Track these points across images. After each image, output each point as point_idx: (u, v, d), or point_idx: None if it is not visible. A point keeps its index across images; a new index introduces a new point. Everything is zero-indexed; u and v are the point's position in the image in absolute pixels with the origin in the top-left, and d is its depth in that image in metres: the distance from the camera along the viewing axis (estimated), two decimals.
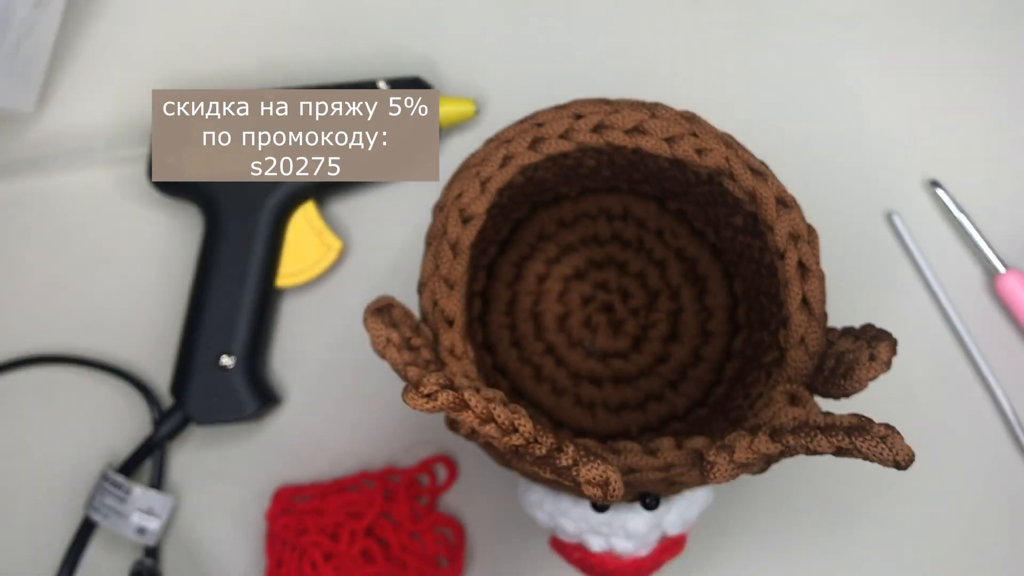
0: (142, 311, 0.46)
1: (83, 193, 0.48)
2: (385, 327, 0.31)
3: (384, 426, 0.45)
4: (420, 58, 0.48)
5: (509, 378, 0.41)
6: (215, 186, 0.44)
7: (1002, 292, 0.44)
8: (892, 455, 0.27)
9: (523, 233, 0.42)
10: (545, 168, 0.37)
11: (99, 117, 0.48)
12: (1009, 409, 0.43)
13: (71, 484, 0.44)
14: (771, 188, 0.34)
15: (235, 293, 0.43)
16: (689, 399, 0.40)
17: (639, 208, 0.42)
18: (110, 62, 0.49)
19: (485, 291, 0.42)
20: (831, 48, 0.48)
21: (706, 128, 0.35)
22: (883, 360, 0.30)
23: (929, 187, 0.46)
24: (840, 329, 0.33)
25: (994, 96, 0.48)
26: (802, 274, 0.33)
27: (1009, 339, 0.45)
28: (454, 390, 0.29)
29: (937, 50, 0.48)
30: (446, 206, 0.35)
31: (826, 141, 0.47)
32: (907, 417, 0.34)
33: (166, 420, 0.43)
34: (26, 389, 0.46)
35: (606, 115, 0.35)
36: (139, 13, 0.50)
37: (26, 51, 0.44)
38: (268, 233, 0.44)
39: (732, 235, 0.38)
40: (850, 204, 0.46)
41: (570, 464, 0.30)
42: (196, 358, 0.43)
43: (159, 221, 0.47)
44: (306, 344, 0.46)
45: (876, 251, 0.46)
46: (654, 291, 0.42)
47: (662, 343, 0.41)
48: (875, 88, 0.48)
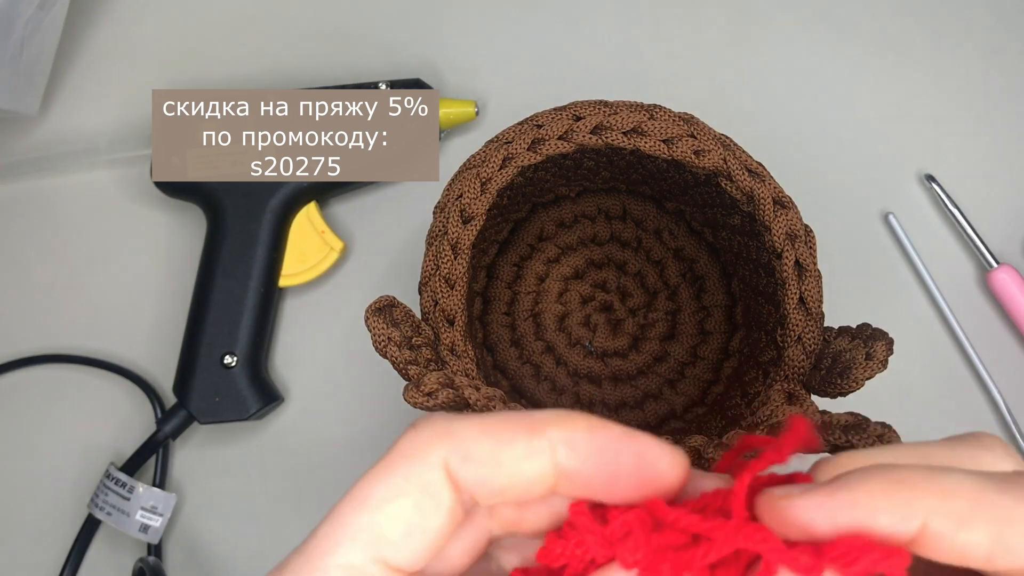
0: (145, 311, 0.46)
1: (87, 194, 0.48)
2: (386, 326, 0.31)
3: (385, 425, 0.45)
4: (421, 60, 0.49)
5: (509, 377, 0.41)
6: (218, 187, 0.44)
7: (995, 287, 0.44)
8: None
9: (523, 233, 0.42)
10: (545, 169, 0.37)
11: (102, 118, 0.49)
12: (1003, 404, 0.43)
13: (75, 482, 0.45)
14: (768, 188, 0.35)
15: (238, 293, 0.43)
16: (687, 398, 0.40)
17: (638, 208, 0.42)
18: (113, 64, 0.50)
19: (485, 291, 0.42)
20: (826, 50, 0.49)
21: (704, 129, 0.35)
22: (879, 359, 0.30)
23: (923, 183, 0.46)
24: (837, 328, 0.33)
25: (987, 93, 0.48)
26: (799, 274, 0.34)
27: (1002, 334, 0.45)
28: (454, 388, 0.29)
29: (930, 48, 0.48)
30: (447, 206, 0.35)
31: (822, 141, 0.47)
32: (903, 415, 0.34)
33: (169, 419, 0.43)
34: (30, 388, 0.46)
35: (605, 116, 0.35)
36: (142, 15, 0.50)
37: (30, 53, 0.45)
38: (270, 233, 0.44)
39: (730, 235, 0.38)
40: (846, 203, 0.46)
41: None
42: (199, 357, 0.43)
43: (162, 221, 0.47)
44: (308, 343, 0.46)
45: (872, 250, 0.46)
46: (652, 291, 0.42)
47: (660, 342, 0.41)
48: (869, 88, 0.48)
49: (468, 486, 0.18)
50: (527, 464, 0.18)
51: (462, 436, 0.18)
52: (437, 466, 0.18)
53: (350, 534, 0.18)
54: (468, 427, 0.18)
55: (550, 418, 0.19)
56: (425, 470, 0.18)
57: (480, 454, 0.18)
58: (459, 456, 0.18)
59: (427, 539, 0.18)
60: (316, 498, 0.44)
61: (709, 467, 0.31)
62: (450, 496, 0.18)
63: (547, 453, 0.18)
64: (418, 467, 0.18)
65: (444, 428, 0.18)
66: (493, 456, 0.18)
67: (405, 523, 0.18)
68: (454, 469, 0.18)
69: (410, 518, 0.18)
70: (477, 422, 0.19)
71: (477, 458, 0.18)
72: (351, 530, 0.18)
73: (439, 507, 0.18)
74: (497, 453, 0.18)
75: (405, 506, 0.18)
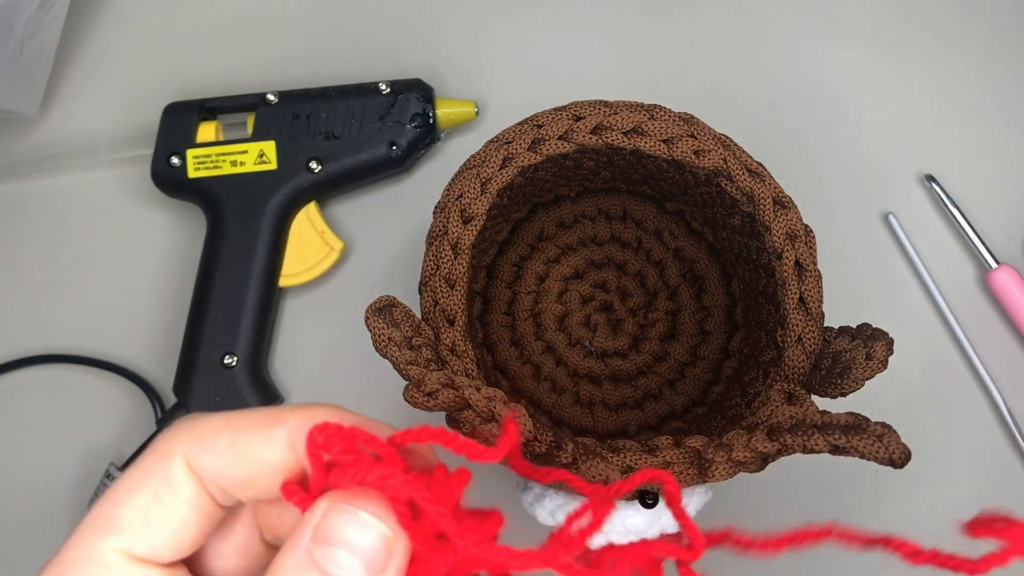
0: (145, 311, 0.46)
1: (87, 194, 0.48)
2: (386, 326, 0.31)
3: None
4: (421, 60, 0.49)
5: (509, 377, 0.41)
6: (218, 187, 0.44)
7: (995, 287, 0.44)
8: (888, 453, 0.27)
9: (523, 233, 0.42)
10: (545, 169, 0.37)
11: (103, 118, 0.49)
12: (1003, 404, 0.44)
13: (75, 482, 0.45)
14: (768, 189, 0.35)
15: (238, 293, 0.43)
16: (687, 398, 0.40)
17: (638, 209, 0.42)
18: (113, 64, 0.50)
19: (485, 291, 0.42)
20: (826, 50, 0.49)
21: (704, 129, 0.35)
22: (879, 359, 0.30)
23: (923, 183, 0.46)
24: (837, 328, 0.33)
25: (987, 93, 0.48)
26: (799, 274, 0.34)
27: (1002, 334, 0.45)
28: (455, 388, 0.29)
29: (930, 48, 0.48)
30: (447, 206, 0.35)
31: (822, 141, 0.47)
32: (903, 415, 0.34)
33: (169, 419, 0.43)
34: (31, 388, 0.46)
35: (605, 117, 0.35)
36: (142, 15, 0.50)
37: (30, 53, 0.45)
38: (271, 233, 0.44)
39: (730, 235, 0.38)
40: (846, 203, 0.46)
41: (569, 462, 0.31)
42: (199, 357, 0.43)
43: (162, 221, 0.47)
44: (308, 343, 0.46)
45: (872, 250, 0.46)
46: (653, 291, 0.42)
47: (660, 342, 0.41)
48: (870, 88, 0.48)
49: (212, 476, 0.19)
50: (265, 450, 0.19)
51: (204, 430, 0.20)
52: (178, 459, 0.19)
53: (93, 527, 0.19)
54: (211, 422, 0.20)
55: (291, 408, 0.20)
56: (166, 463, 0.19)
57: (220, 445, 0.19)
58: (201, 448, 0.19)
59: (168, 529, 0.19)
60: None
61: (709, 466, 0.31)
62: (191, 486, 0.19)
63: (284, 439, 0.19)
64: (161, 460, 0.19)
65: (189, 425, 0.20)
66: (231, 446, 0.19)
67: (143, 513, 0.19)
68: (195, 460, 0.19)
69: (148, 508, 0.19)
70: (221, 417, 0.20)
71: (217, 449, 0.19)
72: (94, 523, 0.19)
73: (178, 497, 0.19)
74: (236, 443, 0.19)
75: (143, 497, 0.19)
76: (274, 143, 0.44)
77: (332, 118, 0.45)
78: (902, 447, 0.27)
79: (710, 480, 0.31)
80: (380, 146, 0.44)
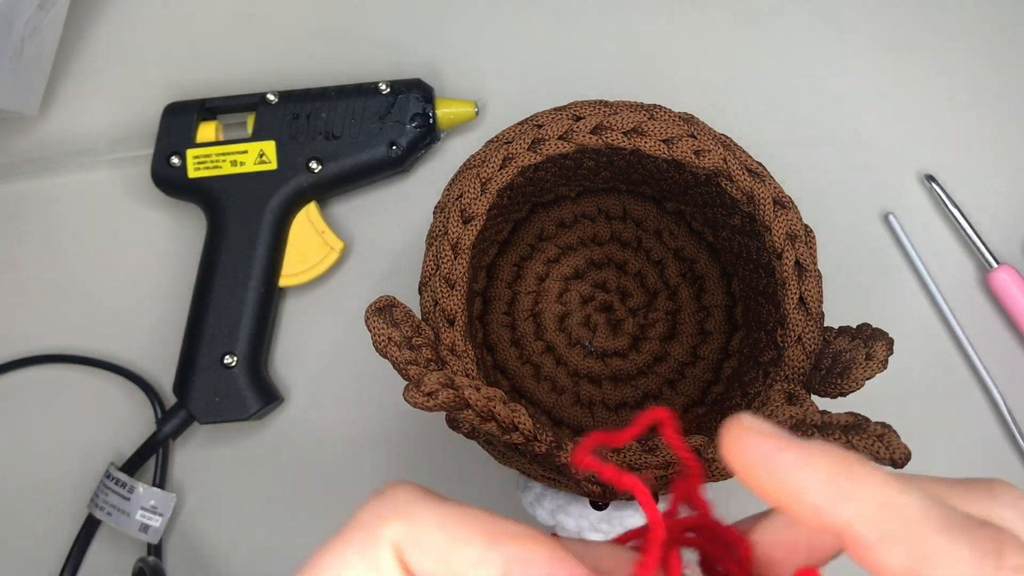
0: (145, 311, 0.46)
1: (87, 194, 0.48)
2: (386, 326, 0.31)
3: (385, 425, 0.45)
4: (421, 60, 0.49)
5: (509, 377, 0.41)
6: (218, 187, 0.44)
7: (995, 287, 0.44)
8: (889, 453, 0.27)
9: (523, 233, 0.42)
10: (545, 169, 0.37)
11: (102, 118, 0.49)
12: (1003, 404, 0.44)
13: (75, 482, 0.45)
14: (768, 189, 0.35)
15: (238, 293, 0.43)
16: (687, 398, 0.40)
17: (638, 209, 0.42)
18: (113, 64, 0.50)
19: (485, 291, 0.42)
20: (826, 49, 0.49)
21: (704, 129, 0.35)
22: (879, 359, 0.30)
23: (923, 183, 0.46)
24: (837, 328, 0.33)
25: (987, 93, 0.48)
26: (799, 274, 0.34)
27: (1002, 334, 0.45)
28: (455, 388, 0.29)
29: (930, 48, 0.48)
30: (447, 207, 0.35)
31: (822, 141, 0.47)
32: (903, 415, 0.34)
33: (169, 419, 0.43)
34: (31, 388, 0.46)
35: (605, 117, 0.35)
36: (142, 15, 0.50)
37: (30, 53, 0.45)
38: (271, 233, 0.44)
39: (730, 235, 0.38)
40: (846, 203, 0.46)
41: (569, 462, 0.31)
42: (199, 357, 0.43)
43: (162, 221, 0.47)
44: (308, 343, 0.46)
45: (872, 250, 0.46)
46: (653, 291, 0.42)
47: (660, 342, 0.41)
48: (870, 88, 0.48)
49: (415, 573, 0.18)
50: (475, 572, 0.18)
51: (419, 521, 0.18)
52: (387, 546, 0.18)
53: None
54: (428, 515, 0.18)
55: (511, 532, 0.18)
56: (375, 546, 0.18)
57: (432, 547, 0.18)
58: (411, 542, 0.18)
59: None
60: (316, 498, 0.44)
61: (709, 467, 0.31)
62: None
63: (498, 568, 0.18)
64: (371, 543, 0.18)
65: (404, 508, 0.18)
66: (444, 554, 0.18)
67: None
68: (404, 553, 0.18)
69: None
70: (438, 512, 0.18)
71: (428, 550, 0.18)
72: None
73: None
74: (449, 552, 0.18)
75: None
76: (274, 143, 0.44)
77: (332, 118, 0.45)
78: (902, 447, 0.27)
79: (710, 480, 0.31)
80: (380, 146, 0.44)
